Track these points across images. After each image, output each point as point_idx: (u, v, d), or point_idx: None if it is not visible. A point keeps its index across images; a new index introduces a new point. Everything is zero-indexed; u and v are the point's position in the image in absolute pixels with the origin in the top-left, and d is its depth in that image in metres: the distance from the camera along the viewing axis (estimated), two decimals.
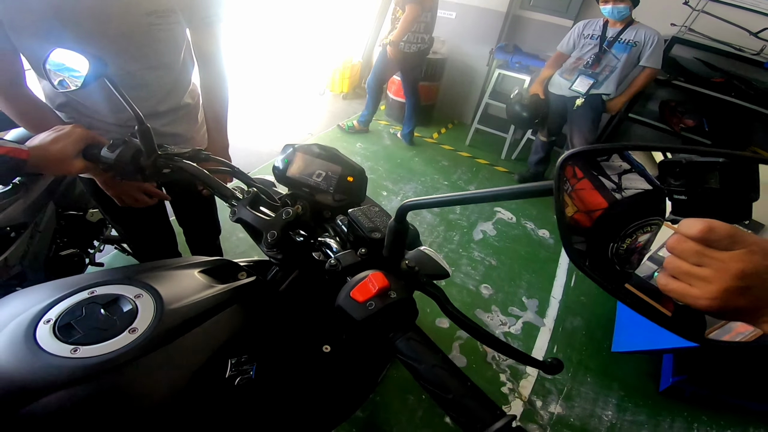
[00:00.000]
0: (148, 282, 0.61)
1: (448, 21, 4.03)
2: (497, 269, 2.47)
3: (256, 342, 0.63)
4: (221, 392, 0.56)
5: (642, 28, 2.56)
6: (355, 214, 0.62)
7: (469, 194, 0.47)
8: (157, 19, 0.94)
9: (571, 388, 1.85)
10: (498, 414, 0.40)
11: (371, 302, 0.47)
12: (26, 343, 0.51)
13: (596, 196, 0.42)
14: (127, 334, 0.53)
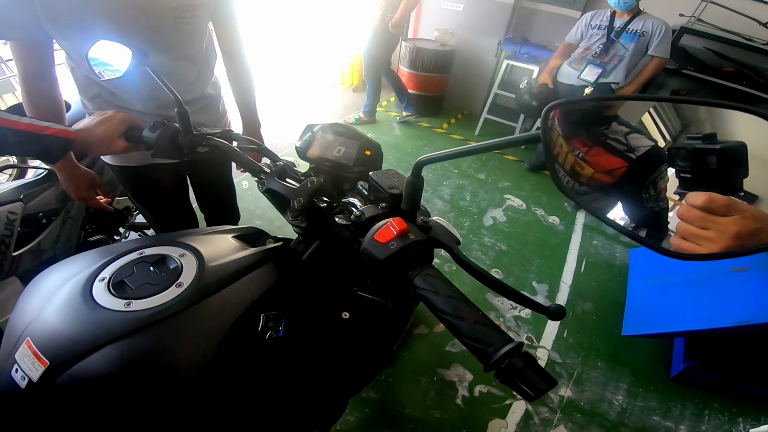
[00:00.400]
0: (190, 243, 0.67)
1: (456, 13, 4.05)
2: (507, 254, 2.51)
3: (285, 301, 0.68)
4: (254, 344, 0.61)
5: (649, 18, 2.59)
6: (375, 176, 0.67)
7: (473, 147, 0.52)
8: (182, 12, 1.00)
9: (582, 372, 1.88)
10: (507, 339, 0.44)
11: (393, 242, 0.52)
12: (84, 300, 0.56)
13: (612, 158, 0.51)
14: (174, 288, 0.59)
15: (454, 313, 0.47)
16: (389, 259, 0.51)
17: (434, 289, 0.49)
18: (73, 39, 0.95)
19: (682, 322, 1.75)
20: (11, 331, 0.57)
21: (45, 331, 0.54)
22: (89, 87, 1.09)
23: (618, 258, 2.60)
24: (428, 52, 3.78)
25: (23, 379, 0.51)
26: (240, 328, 0.60)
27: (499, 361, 0.42)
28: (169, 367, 0.54)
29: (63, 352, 0.51)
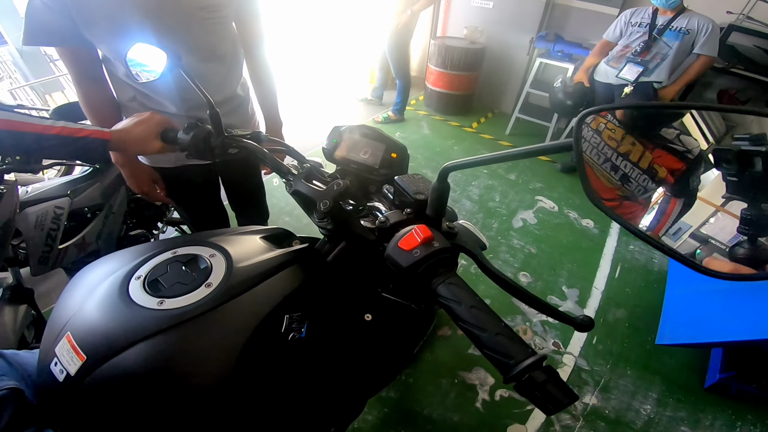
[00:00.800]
0: (220, 244, 0.69)
1: (486, 10, 3.98)
2: (537, 257, 2.45)
3: (308, 303, 0.69)
4: (277, 345, 0.63)
5: (695, 16, 2.47)
6: (401, 180, 0.67)
7: (501, 154, 0.51)
8: (209, 13, 1.03)
9: (609, 380, 1.82)
10: (530, 352, 0.43)
11: (417, 250, 0.51)
12: (121, 297, 0.59)
13: (674, 159, 0.55)
14: (204, 288, 0.61)
15: (477, 323, 0.46)
16: (412, 267, 0.51)
17: (457, 298, 0.48)
18: (108, 42, 1.00)
19: (721, 332, 1.67)
20: (53, 324, 0.61)
21: (84, 327, 0.57)
22: (125, 90, 1.14)
23: (656, 264, 2.48)
24: (457, 50, 3.73)
25: (61, 373, 0.54)
26: (264, 329, 0.62)
27: (520, 374, 0.41)
28: (197, 365, 0.56)
29: (99, 348, 0.54)
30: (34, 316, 1.41)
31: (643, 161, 0.57)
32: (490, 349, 0.44)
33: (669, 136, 0.55)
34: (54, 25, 0.94)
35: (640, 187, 0.57)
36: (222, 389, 0.56)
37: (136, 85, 1.10)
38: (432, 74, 4.01)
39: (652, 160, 0.56)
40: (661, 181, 0.56)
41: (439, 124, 4.02)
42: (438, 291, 0.50)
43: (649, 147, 0.56)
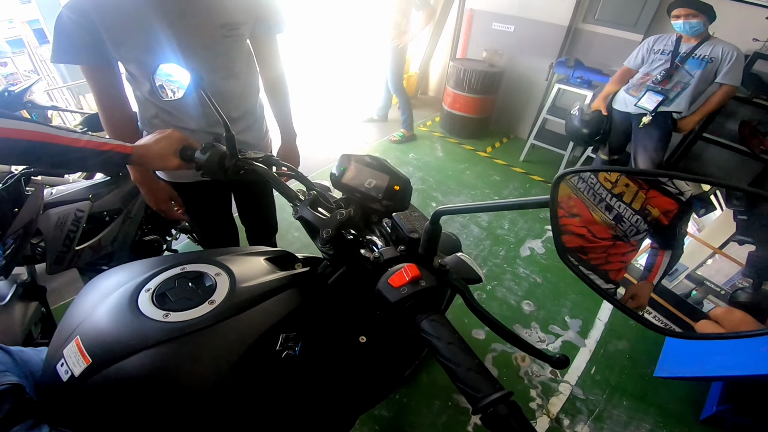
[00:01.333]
0: (225, 263, 0.74)
1: (507, 34, 4.03)
2: (542, 287, 2.43)
3: (304, 323, 0.73)
4: (270, 361, 0.67)
5: (719, 44, 2.39)
6: (398, 218, 0.73)
7: (490, 204, 0.57)
8: (229, 31, 1.10)
9: (604, 409, 1.81)
10: (497, 388, 0.46)
11: (404, 288, 0.56)
12: (130, 307, 0.64)
13: (667, 200, 0.56)
14: (207, 305, 0.66)
15: (452, 358, 0.50)
16: (399, 303, 0.56)
17: (437, 334, 0.52)
18: (135, 59, 1.07)
19: (721, 366, 1.66)
20: (64, 327, 0.66)
21: (93, 332, 0.62)
22: (148, 108, 1.21)
23: None
24: (476, 73, 3.77)
25: (66, 373, 0.59)
26: (260, 346, 0.66)
27: (486, 407, 0.45)
28: (194, 374, 0.61)
29: (105, 352, 0.59)
30: (44, 313, 1.47)
31: (636, 202, 0.59)
32: (462, 382, 0.48)
33: None
34: (82, 43, 0.99)
35: (633, 227, 0.59)
36: (215, 399, 0.61)
37: (158, 103, 1.17)
38: (449, 96, 4.05)
39: (645, 200, 0.58)
40: (653, 222, 0.57)
41: (453, 146, 4.06)
42: (421, 326, 0.54)
43: (644, 188, 0.58)
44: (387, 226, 0.78)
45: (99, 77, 1.09)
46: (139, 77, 1.12)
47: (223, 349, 0.63)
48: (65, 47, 1.01)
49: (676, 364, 1.88)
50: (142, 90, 1.16)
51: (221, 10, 1.07)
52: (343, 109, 4.64)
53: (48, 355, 0.65)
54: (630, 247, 0.59)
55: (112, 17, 0.98)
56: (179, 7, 1.02)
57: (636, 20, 3.35)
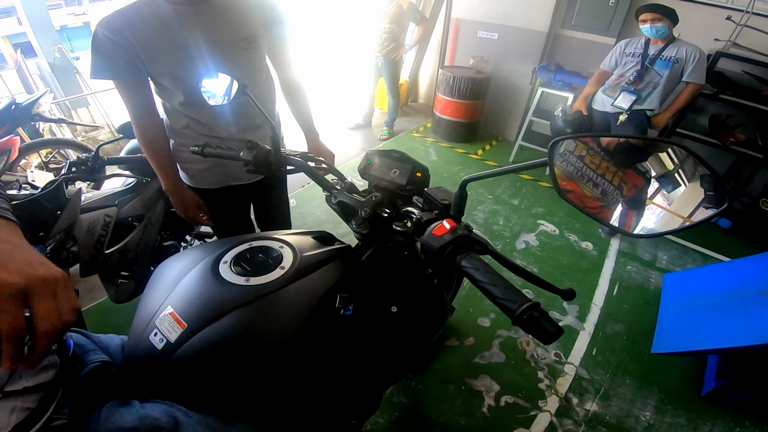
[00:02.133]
0: (285, 239, 0.88)
1: (491, 41, 4.22)
2: (539, 276, 2.56)
3: (352, 288, 0.86)
4: (332, 317, 0.80)
5: (683, 45, 2.60)
6: (430, 191, 0.87)
7: (507, 168, 0.73)
8: (248, 44, 1.21)
9: (609, 388, 1.92)
10: (528, 299, 0.58)
11: (446, 236, 0.69)
12: (214, 277, 0.76)
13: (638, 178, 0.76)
14: (279, 270, 0.78)
15: (490, 282, 0.62)
16: (444, 247, 0.68)
17: (475, 266, 0.65)
18: (168, 74, 1.15)
19: (713, 340, 1.78)
20: (148, 305, 0.75)
21: (184, 301, 0.72)
22: (178, 119, 1.29)
23: (652, 283, 2.60)
24: (464, 80, 3.95)
25: (161, 341, 0.68)
26: (323, 302, 0.79)
27: (521, 314, 0.56)
28: (275, 328, 0.72)
29: (199, 317, 0.69)
30: None
31: (615, 179, 0.77)
32: (501, 298, 0.60)
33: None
34: (118, 60, 1.08)
35: (614, 198, 0.76)
36: (296, 349, 0.72)
37: (190, 113, 1.26)
38: (440, 102, 4.22)
39: (621, 178, 0.76)
40: (627, 194, 0.76)
41: (446, 151, 4.22)
42: (462, 263, 0.66)
43: (623, 169, 0.76)
44: (418, 202, 0.92)
45: (133, 91, 1.17)
46: (172, 90, 1.21)
47: (298, 306, 0.75)
48: (103, 64, 1.09)
49: (671, 340, 2.00)
50: (173, 102, 1.25)
51: (241, 25, 1.19)
52: (330, 118, 4.78)
53: (135, 331, 0.73)
54: (611, 210, 0.77)
55: (146, 35, 1.07)
56: (205, 23, 1.13)
57: (608, 25, 3.56)
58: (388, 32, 3.81)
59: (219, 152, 1.05)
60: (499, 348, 2.05)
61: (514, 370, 1.95)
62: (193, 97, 1.20)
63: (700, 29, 2.98)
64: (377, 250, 0.97)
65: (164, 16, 1.09)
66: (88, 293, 2.08)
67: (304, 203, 2.99)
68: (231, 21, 1.17)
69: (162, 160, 1.31)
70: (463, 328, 2.14)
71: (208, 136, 1.31)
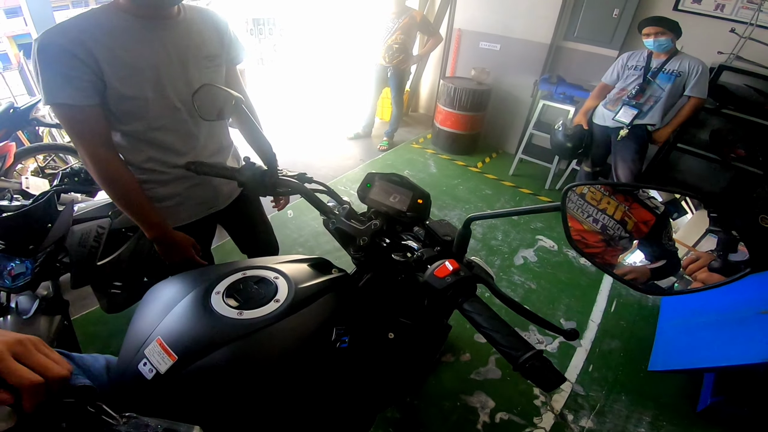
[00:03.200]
0: (280, 269, 0.84)
1: (493, 53, 4.21)
2: (536, 292, 2.55)
3: (348, 319, 0.84)
4: (328, 350, 0.78)
5: (686, 58, 2.57)
6: (432, 225, 0.85)
7: (513, 210, 0.71)
8: (209, 62, 1.15)
9: (604, 404, 1.90)
10: (531, 347, 0.58)
11: (448, 277, 0.68)
12: (205, 309, 0.73)
13: (645, 213, 0.71)
14: (274, 303, 0.76)
15: (493, 328, 0.62)
16: (446, 289, 0.67)
17: (478, 311, 0.64)
18: (136, 95, 1.01)
19: (710, 358, 1.77)
20: (137, 332, 0.73)
21: (174, 332, 0.70)
22: (139, 151, 1.13)
23: (650, 300, 2.57)
24: (465, 91, 3.94)
25: (151, 372, 0.65)
26: (319, 336, 0.77)
27: (524, 363, 0.56)
28: (271, 365, 0.70)
29: (188, 349, 0.67)
30: (65, 325, 1.51)
31: (617, 213, 0.74)
32: (503, 345, 0.60)
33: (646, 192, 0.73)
34: (82, 78, 0.91)
35: (616, 233, 0.73)
36: (285, 385, 0.70)
37: (155, 141, 1.12)
38: (441, 113, 4.21)
39: (624, 212, 0.72)
40: (632, 229, 0.72)
41: (445, 163, 4.20)
42: (464, 307, 0.66)
43: (627, 201, 0.72)
44: (419, 234, 0.91)
45: (94, 119, 0.99)
46: (136, 114, 1.05)
47: (292, 342, 0.73)
48: (63, 83, 0.91)
49: (667, 358, 1.99)
50: (135, 129, 1.08)
51: (203, 43, 1.12)
52: (329, 127, 4.79)
53: (123, 358, 0.71)
54: (618, 250, 0.73)
55: (110, 50, 0.94)
56: (173, 40, 1.04)
57: (611, 37, 3.55)
58: (400, 43, 3.80)
59: (215, 170, 1.03)
60: (495, 364, 2.03)
61: (510, 386, 1.93)
62: (162, 120, 1.09)
63: (702, 42, 2.96)
64: (374, 277, 0.95)
65: (128, 29, 0.96)
66: (80, 301, 2.06)
67: (301, 214, 2.97)
68: (194, 39, 1.10)
69: (136, 200, 1.11)
70: (460, 344, 2.11)
71: (175, 166, 1.17)
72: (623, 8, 3.40)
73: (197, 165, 1.02)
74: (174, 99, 1.09)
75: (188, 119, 1.14)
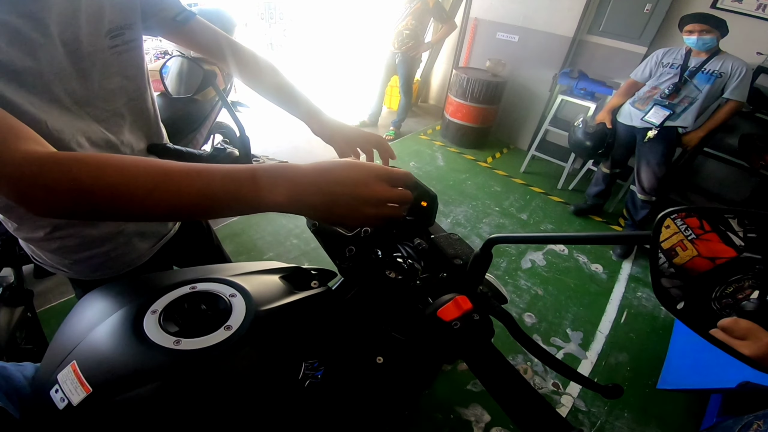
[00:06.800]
0: (240, 283, 0.66)
1: (511, 44, 4.03)
2: (543, 299, 2.40)
3: (324, 348, 0.66)
4: (295, 391, 0.60)
5: (729, 59, 2.38)
6: (439, 240, 0.67)
7: (557, 235, 0.50)
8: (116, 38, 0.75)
9: (606, 421, 1.79)
10: (564, 424, 0.43)
11: (456, 322, 0.53)
12: (134, 332, 0.56)
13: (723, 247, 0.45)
14: (223, 331, 0.57)
15: (511, 395, 0.47)
16: (452, 338, 0.53)
17: (491, 367, 0.51)
18: None
19: (723, 379, 1.65)
20: (56, 348, 0.59)
21: (92, 358, 0.55)
22: None
23: (663, 311, 2.42)
24: (478, 82, 3.76)
25: (62, 401, 0.51)
26: (282, 376, 0.60)
27: None
28: (212, 409, 0.53)
29: (108, 382, 0.52)
30: (29, 317, 1.40)
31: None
32: (521, 422, 0.45)
33: None
34: None
35: None
36: None
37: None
38: (451, 105, 4.04)
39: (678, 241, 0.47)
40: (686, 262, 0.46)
41: (454, 156, 4.04)
42: (475, 360, 0.51)
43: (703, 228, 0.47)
44: (421, 246, 0.73)
45: None
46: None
47: (243, 382, 0.56)
48: None
49: (679, 377, 1.88)
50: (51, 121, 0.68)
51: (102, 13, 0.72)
52: (334, 114, 4.60)
53: (40, 376, 0.58)
54: None
55: None
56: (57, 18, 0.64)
57: (641, 33, 3.36)
58: (411, 29, 3.66)
59: (180, 155, 0.86)
60: None
61: None
62: None
63: (741, 42, 2.75)
64: (362, 291, 0.77)
65: None
66: (42, 296, 1.94)
67: None
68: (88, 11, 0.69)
69: None
70: None
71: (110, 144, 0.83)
72: (656, 4, 3.20)
73: (161, 148, 0.86)
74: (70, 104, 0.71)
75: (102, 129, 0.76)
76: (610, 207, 3.43)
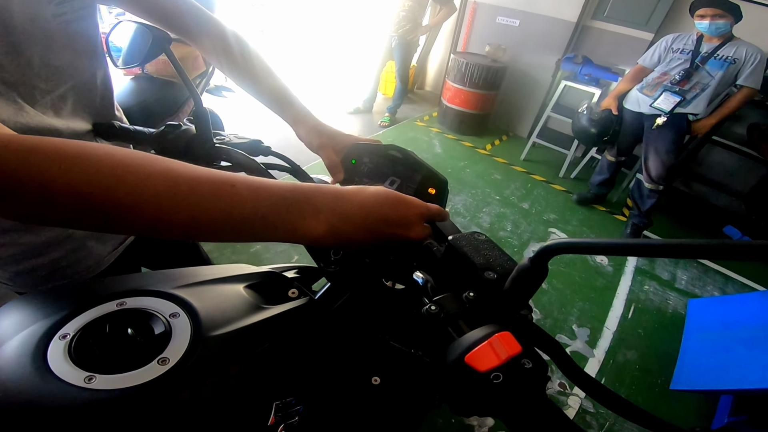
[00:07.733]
0: (187, 298, 0.49)
1: (511, 28, 3.90)
2: (547, 294, 2.29)
3: (303, 379, 0.51)
4: None
5: (743, 45, 2.29)
6: (458, 242, 0.48)
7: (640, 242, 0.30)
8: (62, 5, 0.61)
9: (614, 422, 1.70)
10: None
11: (497, 374, 0.35)
12: (34, 363, 0.41)
13: None
14: (156, 365, 0.41)
15: None
16: (490, 396, 0.35)
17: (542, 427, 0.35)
18: None
19: (738, 380, 1.58)
20: None
21: None
22: None
23: (671, 306, 2.33)
24: (478, 68, 3.62)
25: None
26: (242, 425, 0.45)
27: None
28: None
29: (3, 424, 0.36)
30: None
31: None
32: None
33: None
34: None
35: None
36: None
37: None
38: (449, 90, 3.90)
39: None
40: None
41: (451, 143, 3.90)
42: (524, 420, 0.35)
43: None
44: (432, 247, 0.55)
45: None
46: None
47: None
48: None
49: (693, 378, 1.79)
50: None
51: None
52: (328, 100, 4.44)
53: None
54: None
55: None
56: None
57: (648, 19, 3.26)
58: (407, 10, 3.48)
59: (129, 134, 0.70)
60: None
61: None
62: None
63: (755, 29, 2.65)
64: (353, 298, 0.59)
65: None
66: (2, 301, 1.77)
67: None
68: None
69: None
70: None
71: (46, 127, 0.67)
72: None
73: (107, 127, 0.69)
74: None
75: None
76: (614, 196, 3.33)
